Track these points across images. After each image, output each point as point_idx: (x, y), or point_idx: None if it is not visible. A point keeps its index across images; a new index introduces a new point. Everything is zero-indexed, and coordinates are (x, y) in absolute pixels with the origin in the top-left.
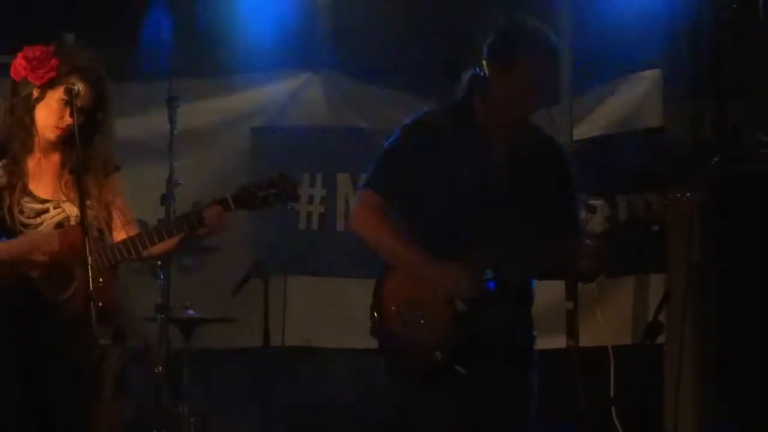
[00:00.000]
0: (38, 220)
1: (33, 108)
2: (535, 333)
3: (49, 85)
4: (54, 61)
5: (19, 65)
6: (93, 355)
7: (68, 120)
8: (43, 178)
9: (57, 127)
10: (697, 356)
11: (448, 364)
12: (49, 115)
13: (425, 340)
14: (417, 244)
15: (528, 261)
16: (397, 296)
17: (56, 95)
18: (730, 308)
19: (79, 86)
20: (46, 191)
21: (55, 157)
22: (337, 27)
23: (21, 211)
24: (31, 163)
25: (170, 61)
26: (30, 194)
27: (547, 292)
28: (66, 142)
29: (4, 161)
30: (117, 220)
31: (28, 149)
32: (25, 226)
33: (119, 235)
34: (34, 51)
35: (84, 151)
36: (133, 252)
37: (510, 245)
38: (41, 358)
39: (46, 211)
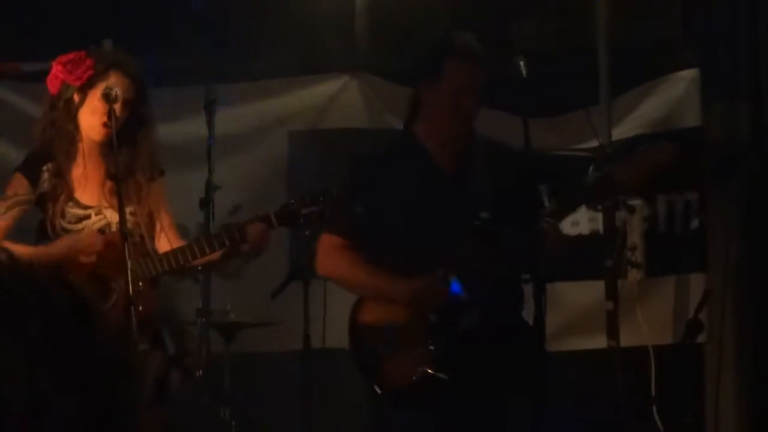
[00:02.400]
0: (80, 225)
1: (76, 113)
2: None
3: (89, 84)
4: (89, 61)
5: (55, 71)
6: (133, 360)
7: (115, 115)
8: (87, 184)
9: (103, 125)
10: (738, 355)
11: (428, 379)
12: (94, 115)
13: (404, 359)
14: (379, 269)
15: (489, 259)
16: (372, 320)
17: (98, 93)
18: None
19: (117, 90)
20: (90, 197)
21: (99, 163)
22: (374, 29)
23: (63, 216)
24: (76, 171)
25: (207, 65)
26: (73, 200)
27: (587, 292)
28: (111, 144)
29: (48, 166)
30: (159, 227)
31: (72, 157)
32: (66, 231)
33: (160, 241)
34: (67, 56)
35: (130, 149)
36: (174, 265)
37: (470, 250)
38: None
39: (88, 217)
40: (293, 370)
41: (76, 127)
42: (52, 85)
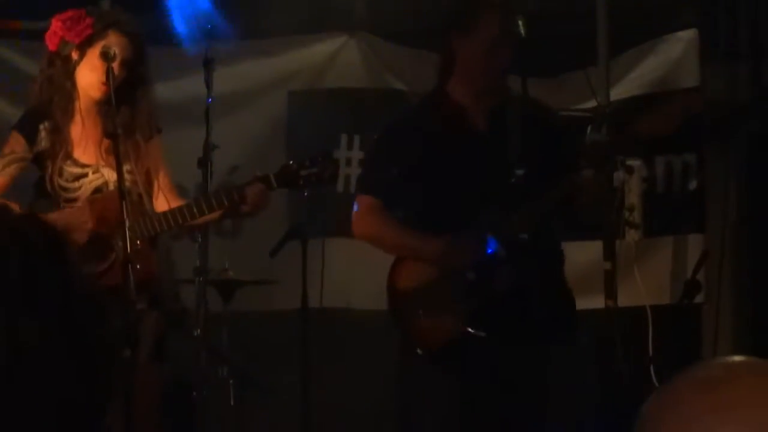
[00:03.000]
0: (77, 184)
1: (73, 71)
2: (569, 295)
3: (88, 42)
4: (88, 20)
5: (54, 28)
6: (130, 319)
7: (113, 73)
8: (84, 143)
9: (102, 83)
10: (735, 315)
11: (466, 336)
12: (92, 73)
13: (442, 317)
14: (415, 230)
15: (524, 214)
16: (409, 279)
17: (96, 52)
18: (767, 267)
19: (115, 49)
20: (87, 156)
21: (97, 122)
22: None
23: (60, 175)
24: (74, 129)
25: (206, 24)
26: (71, 158)
27: (585, 253)
28: (109, 103)
29: (45, 124)
30: (157, 186)
31: (70, 115)
32: (65, 189)
33: (159, 200)
34: (66, 14)
35: (128, 108)
36: (173, 224)
37: (505, 207)
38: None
39: (85, 175)
40: (291, 328)
41: (74, 84)
42: (51, 41)
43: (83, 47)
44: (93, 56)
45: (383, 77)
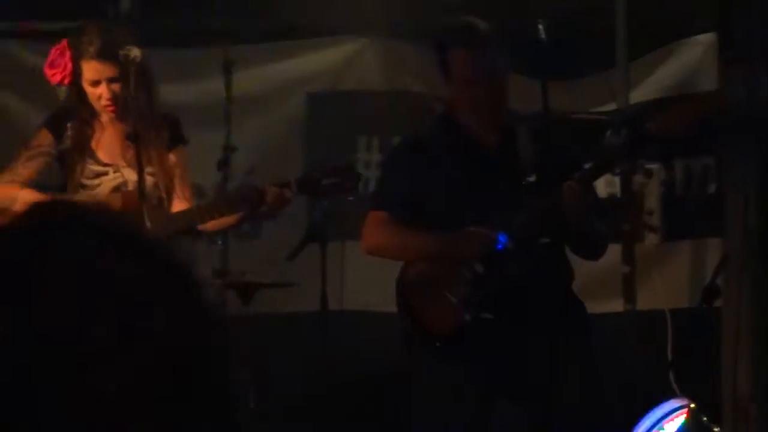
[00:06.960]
0: (96, 181)
1: (85, 96)
2: (578, 300)
3: (76, 75)
4: (67, 54)
5: (46, 71)
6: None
7: (106, 97)
8: (106, 143)
9: (105, 106)
10: (755, 320)
11: (476, 321)
12: (95, 101)
13: (449, 306)
14: (421, 231)
15: (528, 214)
16: (418, 273)
17: (86, 77)
18: None
19: (135, 52)
20: (109, 156)
21: (120, 125)
22: None
23: (82, 172)
24: (98, 131)
25: (226, 26)
26: (93, 157)
27: (604, 256)
28: (126, 112)
29: (72, 123)
30: (178, 192)
31: (93, 122)
32: (84, 186)
33: (178, 207)
34: (50, 55)
35: (142, 118)
36: (189, 223)
37: (516, 208)
38: None
39: (105, 174)
40: (311, 331)
41: (88, 103)
42: (51, 79)
43: (75, 82)
44: (85, 83)
45: (402, 80)
